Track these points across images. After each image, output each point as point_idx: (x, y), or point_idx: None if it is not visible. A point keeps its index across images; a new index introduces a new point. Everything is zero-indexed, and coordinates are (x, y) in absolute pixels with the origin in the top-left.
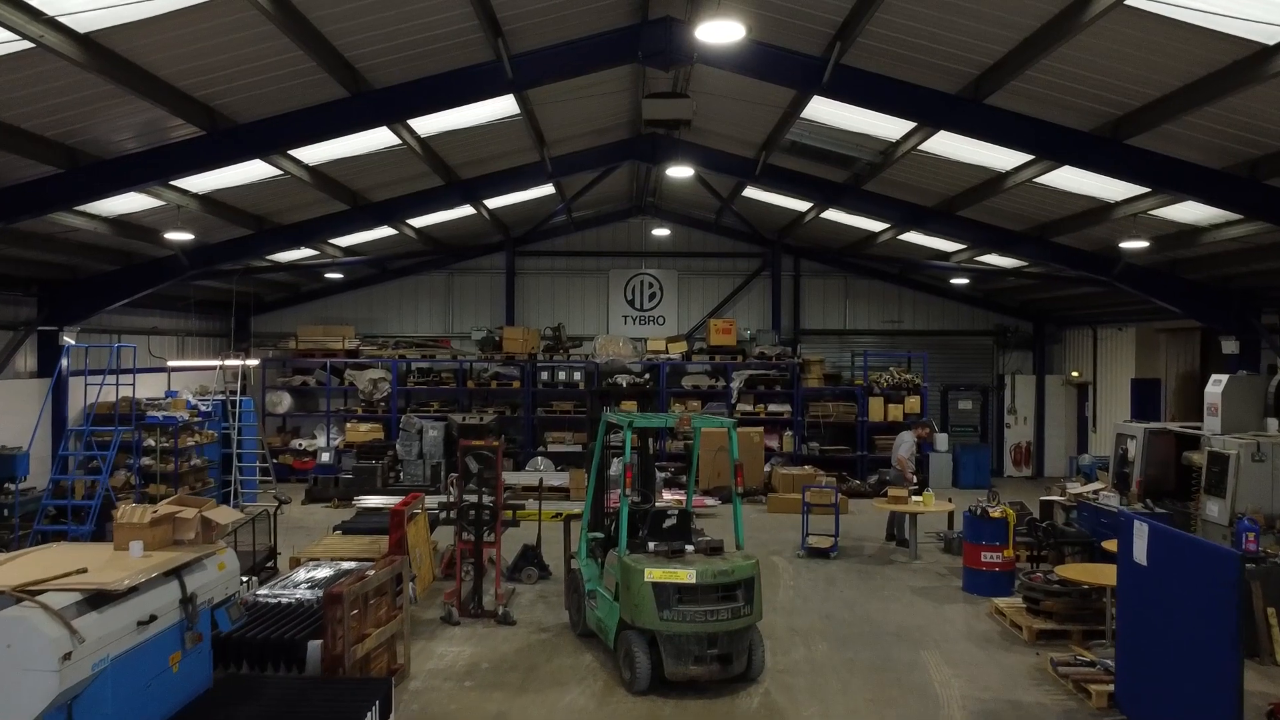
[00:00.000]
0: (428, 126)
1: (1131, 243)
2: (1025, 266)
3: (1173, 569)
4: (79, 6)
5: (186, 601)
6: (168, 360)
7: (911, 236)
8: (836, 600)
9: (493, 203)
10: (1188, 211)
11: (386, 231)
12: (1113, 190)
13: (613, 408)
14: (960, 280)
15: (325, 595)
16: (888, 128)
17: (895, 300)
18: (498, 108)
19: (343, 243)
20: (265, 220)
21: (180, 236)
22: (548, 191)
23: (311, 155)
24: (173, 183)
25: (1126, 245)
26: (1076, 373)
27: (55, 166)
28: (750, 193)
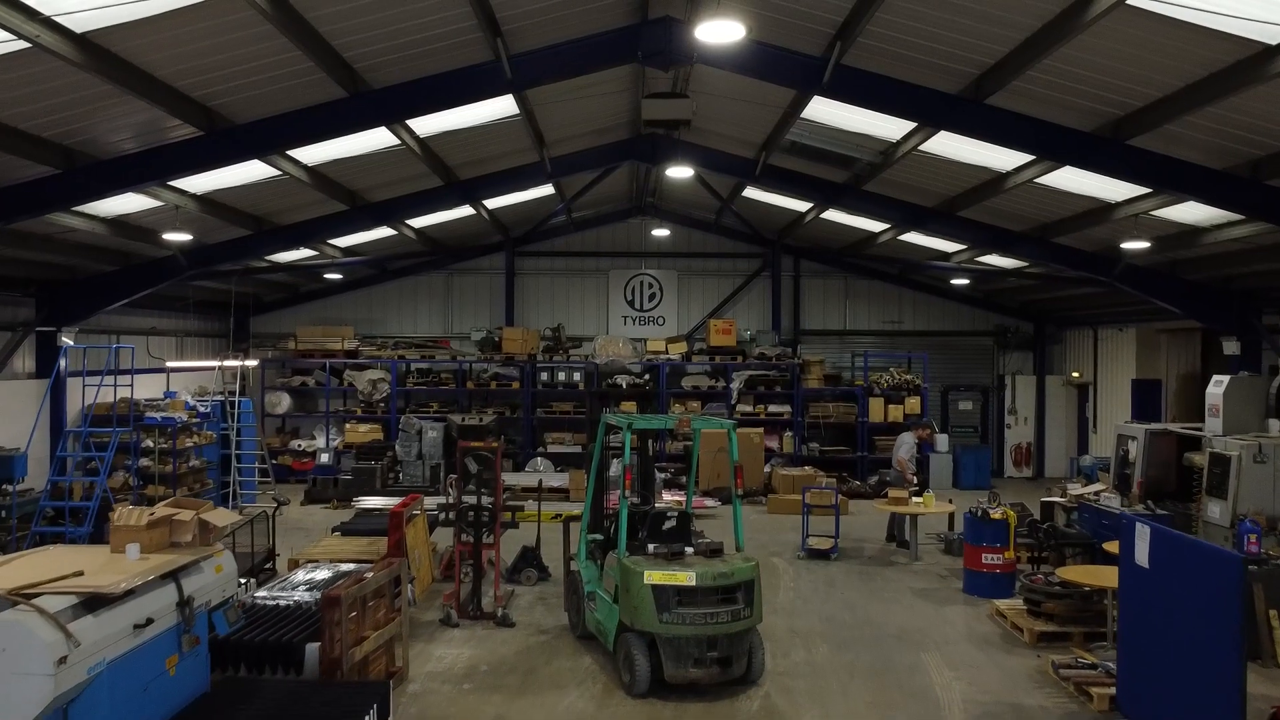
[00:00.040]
0: (427, 127)
1: (1132, 243)
2: (1026, 267)
3: (1175, 572)
4: (75, 6)
5: (183, 604)
6: (166, 361)
7: (912, 237)
8: (837, 602)
9: (492, 203)
10: (1189, 212)
11: (386, 232)
12: (1114, 191)
13: (612, 409)
14: (960, 281)
15: (323, 598)
16: (888, 128)
17: (895, 301)
18: (497, 108)
19: (342, 243)
20: (264, 221)
21: (178, 237)
22: (547, 192)
23: (310, 155)
24: (171, 183)
25: (1127, 246)
26: (1077, 373)
27: (52, 167)
28: (750, 193)
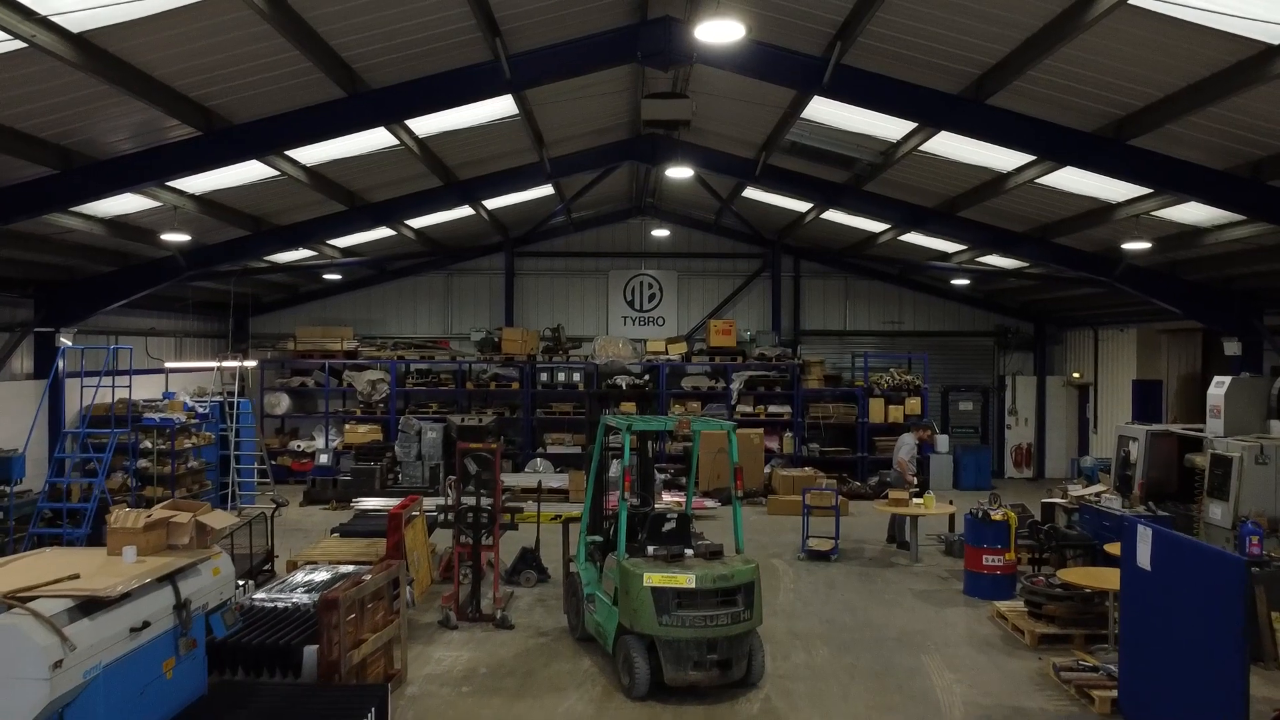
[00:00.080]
0: (426, 127)
1: (1133, 244)
2: (1026, 267)
3: (1177, 574)
4: (71, 6)
5: (180, 607)
6: (165, 361)
7: (912, 237)
8: (837, 604)
9: (491, 203)
10: (1190, 212)
11: (385, 232)
12: (1115, 191)
13: (612, 409)
14: (961, 281)
15: (321, 601)
16: (888, 128)
17: (896, 301)
18: (496, 108)
19: (341, 243)
20: (263, 221)
21: (177, 237)
22: (547, 192)
23: (308, 156)
24: (169, 183)
25: (1128, 246)
26: (1077, 374)
27: (50, 167)
28: (750, 193)
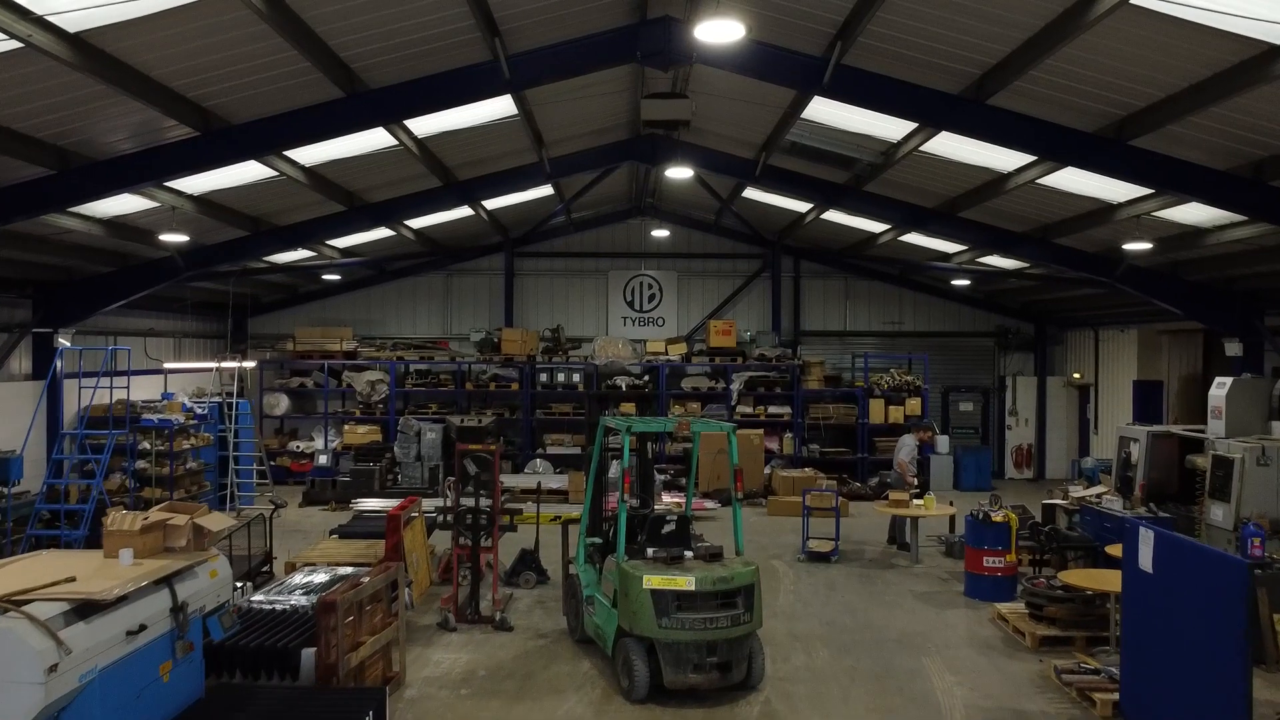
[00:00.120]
0: (425, 127)
1: (1134, 244)
2: (1027, 268)
3: (1179, 577)
4: (67, 6)
5: (177, 610)
6: (164, 362)
7: (912, 238)
8: (837, 605)
9: (491, 204)
10: (1191, 213)
11: (384, 233)
12: (1116, 191)
13: (612, 410)
14: (961, 281)
15: (318, 603)
16: (889, 128)
17: (896, 301)
18: (495, 108)
19: (340, 244)
20: (261, 221)
21: (175, 238)
22: (546, 192)
23: (307, 156)
24: (167, 184)
25: (1129, 247)
26: (1078, 374)
27: (47, 168)
28: (750, 194)
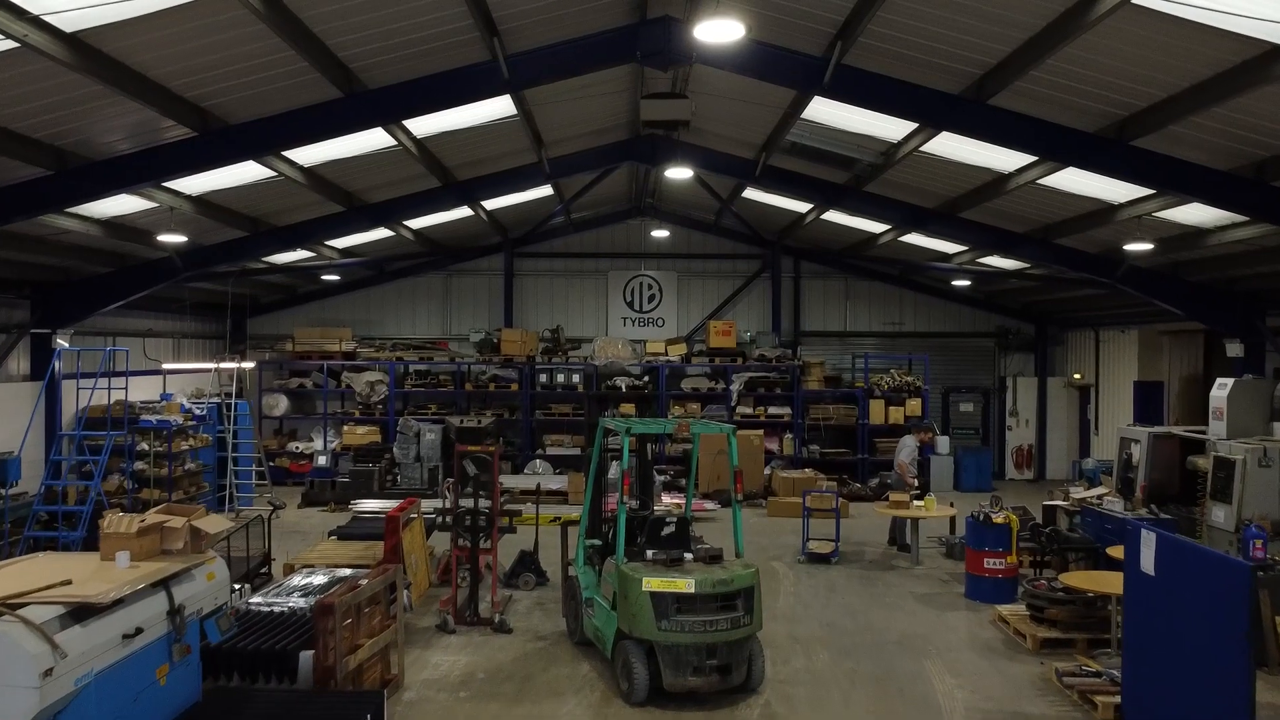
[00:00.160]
0: (424, 127)
1: (1135, 245)
2: (1027, 268)
3: (1181, 579)
4: (63, 6)
5: (174, 613)
6: (163, 363)
7: (913, 238)
8: (838, 607)
9: (491, 204)
10: (1193, 213)
11: (383, 233)
12: (1117, 192)
13: (612, 411)
14: (962, 282)
15: (316, 606)
16: (889, 128)
17: (896, 302)
18: (494, 108)
19: (339, 244)
20: (260, 222)
21: (174, 238)
22: (546, 193)
23: (306, 156)
24: (165, 184)
25: (1130, 247)
26: (1078, 375)
27: (44, 168)
28: (750, 194)
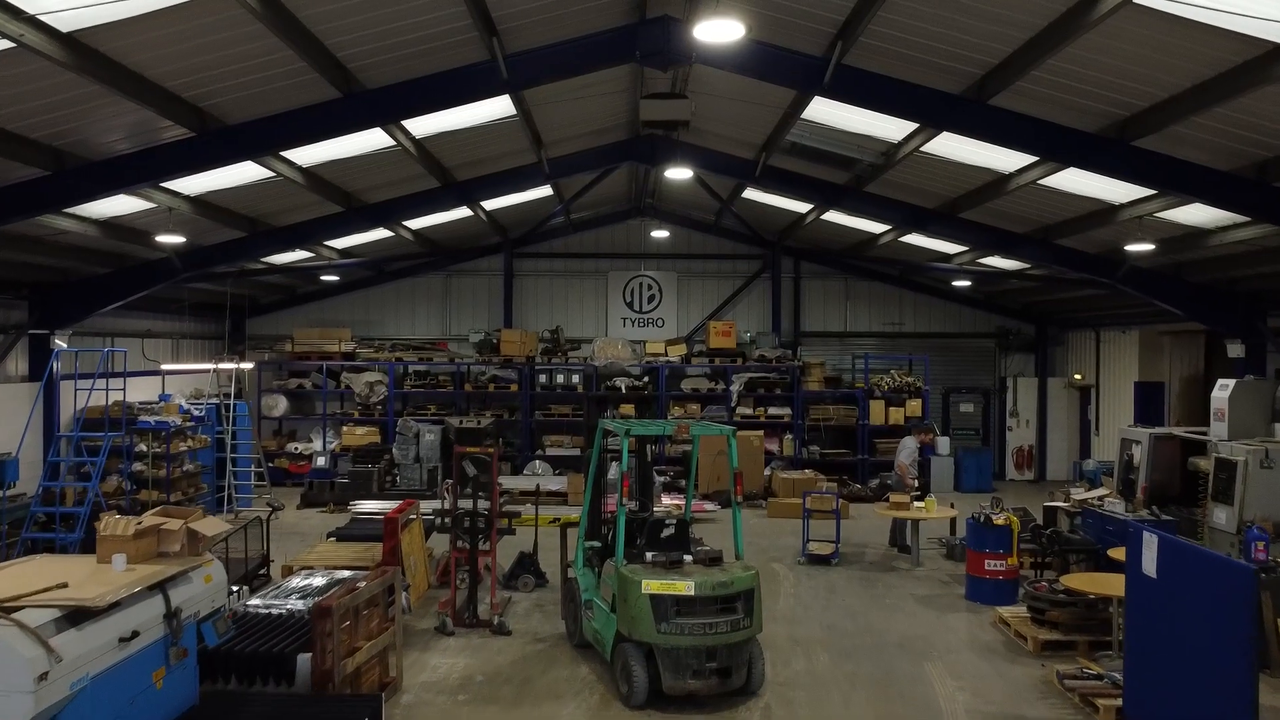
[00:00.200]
0: (422, 127)
1: (1136, 245)
2: (1028, 269)
3: (1183, 582)
4: (60, 5)
5: (171, 616)
6: (162, 364)
7: (913, 239)
8: (838, 609)
9: (490, 204)
10: (1194, 214)
11: (382, 233)
12: (1118, 192)
13: (612, 412)
14: (962, 282)
15: (314, 609)
16: (889, 129)
17: (896, 302)
18: (494, 108)
19: (338, 244)
20: (259, 222)
21: (172, 239)
22: (545, 193)
23: (304, 157)
24: (163, 185)
25: (1131, 248)
26: (1079, 375)
27: (42, 169)
28: (750, 194)
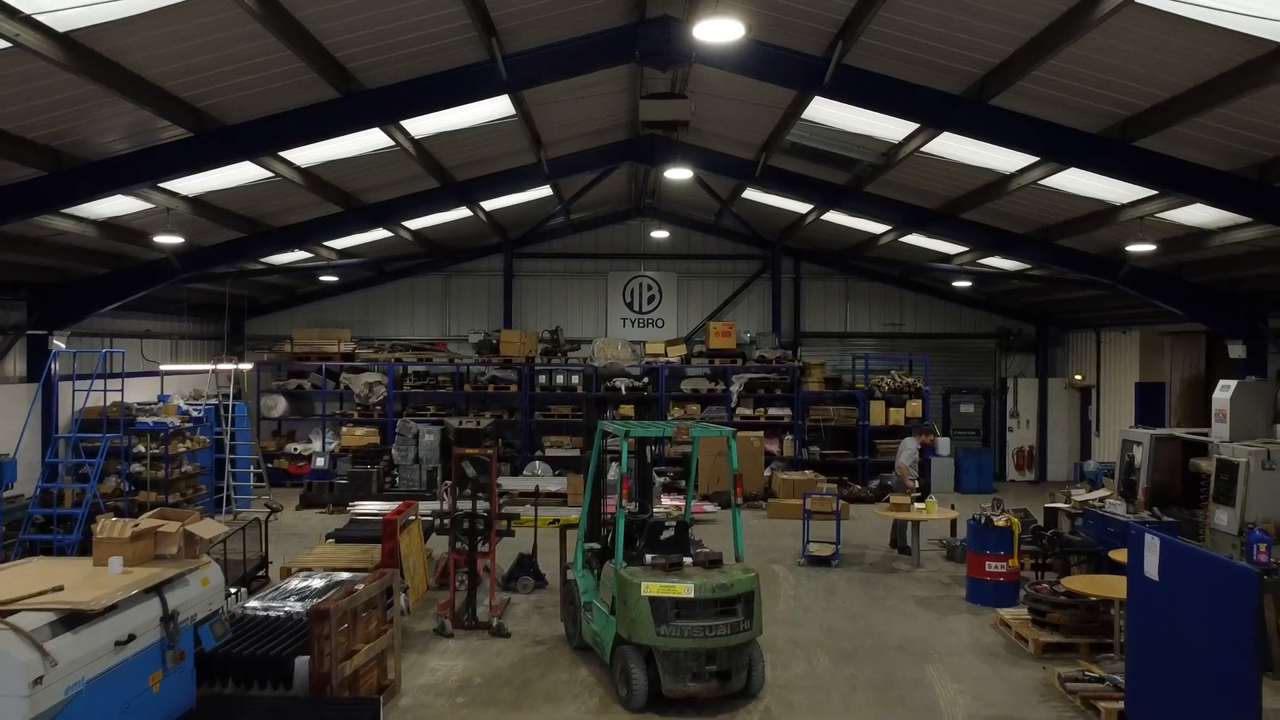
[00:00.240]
0: (421, 128)
1: (1138, 246)
2: (1028, 269)
3: (1185, 585)
4: (57, 5)
5: (167, 619)
6: (160, 364)
7: (913, 239)
8: (838, 611)
9: (489, 204)
10: (1195, 214)
11: (382, 234)
12: (1119, 192)
13: (611, 413)
14: (962, 283)
15: (311, 611)
16: (890, 129)
17: (896, 303)
18: (493, 108)
19: (337, 245)
20: (258, 223)
21: (171, 239)
22: (545, 193)
23: (303, 157)
24: (162, 185)
25: (1132, 248)
26: (1080, 376)
27: (40, 169)
28: (750, 194)
